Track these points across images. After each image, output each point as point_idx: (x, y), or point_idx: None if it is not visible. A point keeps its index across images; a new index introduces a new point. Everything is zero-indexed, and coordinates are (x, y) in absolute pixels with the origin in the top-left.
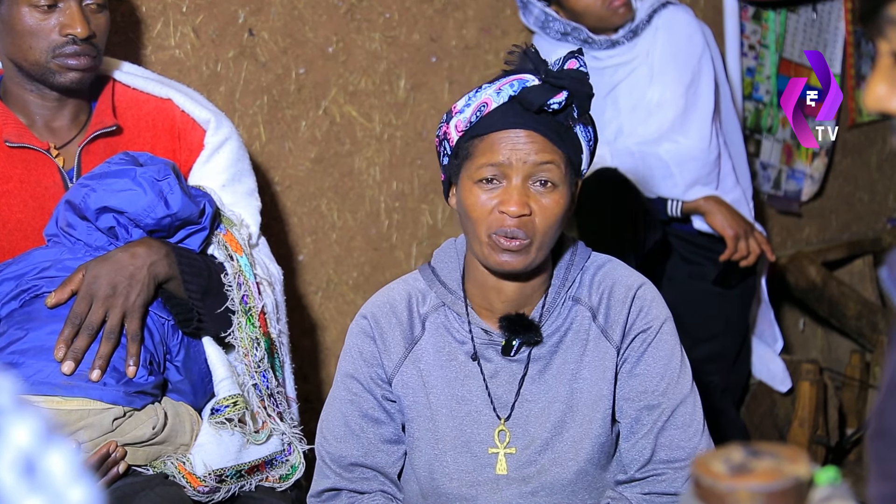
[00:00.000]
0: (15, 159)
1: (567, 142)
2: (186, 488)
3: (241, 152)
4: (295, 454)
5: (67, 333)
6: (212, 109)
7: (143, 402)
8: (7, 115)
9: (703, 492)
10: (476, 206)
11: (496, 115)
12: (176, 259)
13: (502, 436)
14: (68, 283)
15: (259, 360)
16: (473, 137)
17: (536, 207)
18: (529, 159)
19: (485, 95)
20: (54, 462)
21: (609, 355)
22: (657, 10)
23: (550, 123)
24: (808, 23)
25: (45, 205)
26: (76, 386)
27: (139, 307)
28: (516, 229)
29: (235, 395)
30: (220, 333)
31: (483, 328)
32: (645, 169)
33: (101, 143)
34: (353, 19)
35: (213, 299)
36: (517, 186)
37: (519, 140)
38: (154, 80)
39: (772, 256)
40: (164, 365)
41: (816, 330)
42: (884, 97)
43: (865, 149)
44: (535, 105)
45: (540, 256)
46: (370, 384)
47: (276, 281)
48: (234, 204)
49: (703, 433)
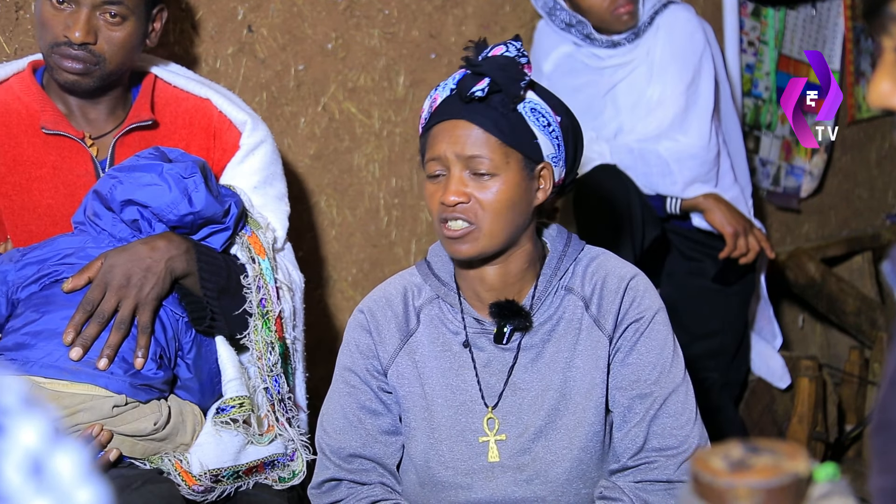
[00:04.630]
0: (50, 146)
1: (507, 129)
2: (181, 486)
3: (274, 156)
4: (298, 461)
5: (78, 319)
6: (249, 112)
7: (148, 396)
8: (46, 103)
9: (702, 488)
10: (429, 199)
11: (441, 109)
12: (196, 256)
13: (491, 424)
14: (86, 270)
15: (273, 364)
16: (425, 133)
17: (477, 193)
18: (463, 153)
19: (435, 93)
20: (61, 463)
21: (602, 344)
22: (659, 10)
23: (486, 112)
24: (808, 19)
25: (76, 192)
26: (83, 372)
27: (152, 300)
28: (457, 215)
29: (242, 396)
30: (235, 334)
31: (475, 317)
32: (644, 166)
33: (136, 136)
34: (353, 16)
35: (230, 299)
36: (454, 177)
37: (455, 132)
38: (195, 80)
39: (771, 253)
40: (175, 361)
41: (815, 326)
42: (887, 94)
43: (865, 145)
44: (464, 94)
45: (494, 243)
46: (367, 376)
47: (297, 288)
48: (264, 206)
49: (696, 422)
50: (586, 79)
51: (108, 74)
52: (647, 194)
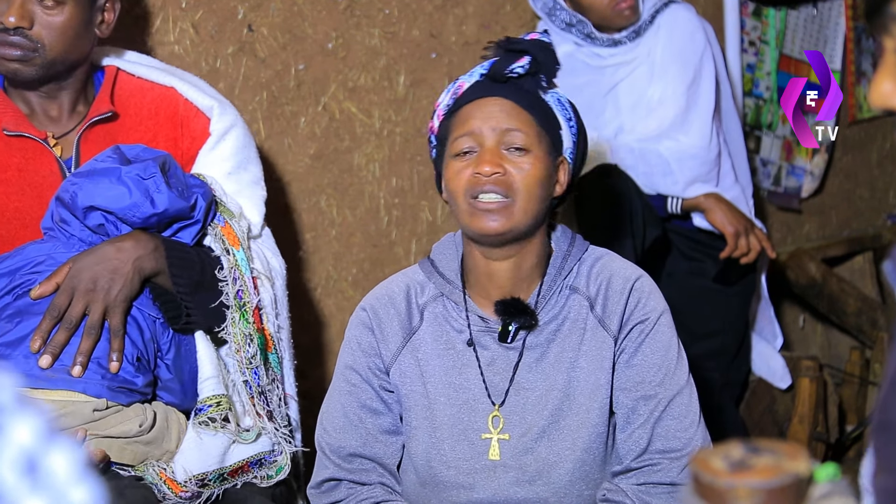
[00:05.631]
0: (13, 148)
1: (538, 110)
2: (167, 494)
3: (246, 139)
4: (283, 455)
5: (45, 326)
6: (215, 97)
7: (129, 399)
8: (7, 105)
9: (702, 488)
10: (455, 177)
11: (468, 92)
12: (165, 253)
13: (496, 421)
14: (54, 276)
15: (251, 357)
16: (450, 116)
17: (512, 168)
18: (500, 126)
19: (459, 81)
20: (56, 461)
21: (607, 345)
22: (660, 9)
23: (520, 91)
24: (809, 19)
25: (43, 194)
26: (59, 378)
27: (121, 301)
28: (493, 186)
29: (219, 395)
30: (212, 328)
31: (480, 315)
32: (645, 166)
33: (100, 131)
34: (353, 15)
35: (205, 294)
36: (490, 148)
37: (488, 108)
38: (158, 68)
39: (772, 253)
40: (155, 363)
41: (816, 326)
42: (889, 94)
43: (865, 145)
44: (501, 72)
45: (525, 221)
46: (368, 375)
47: (278, 275)
48: (238, 193)
49: (699, 425)
50: (587, 78)
51: (50, 63)
52: (648, 194)
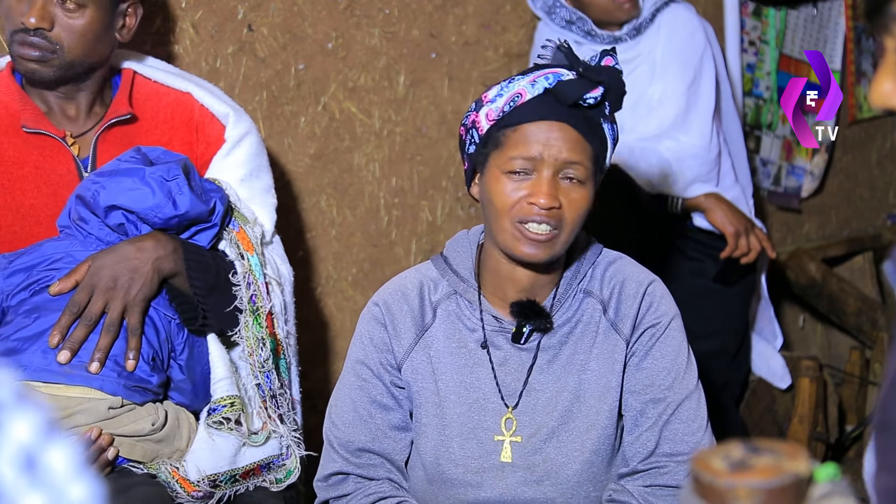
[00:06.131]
0: (31, 145)
1: (595, 138)
2: (180, 493)
3: (259, 148)
4: (292, 458)
5: (64, 321)
6: (231, 104)
7: (143, 398)
8: (26, 102)
9: (702, 488)
10: (502, 195)
11: (530, 107)
12: (183, 255)
13: (509, 424)
14: (73, 274)
15: (263, 361)
16: (505, 127)
17: (565, 201)
18: (561, 156)
19: (518, 86)
20: (55, 458)
21: (619, 348)
22: (660, 8)
23: (582, 118)
24: (809, 19)
25: (59, 192)
26: (77, 374)
27: (140, 301)
28: (546, 218)
29: (233, 395)
30: (226, 332)
31: (494, 315)
32: (645, 166)
33: (117, 132)
34: (353, 15)
35: (220, 297)
36: (548, 179)
37: (552, 134)
38: (174, 73)
39: (772, 253)
40: (168, 363)
41: (816, 326)
42: (889, 94)
43: (865, 145)
44: (572, 98)
45: (563, 249)
46: (380, 370)
47: (286, 281)
48: (251, 199)
49: (707, 430)
50: None
51: (68, 64)
52: (648, 193)
